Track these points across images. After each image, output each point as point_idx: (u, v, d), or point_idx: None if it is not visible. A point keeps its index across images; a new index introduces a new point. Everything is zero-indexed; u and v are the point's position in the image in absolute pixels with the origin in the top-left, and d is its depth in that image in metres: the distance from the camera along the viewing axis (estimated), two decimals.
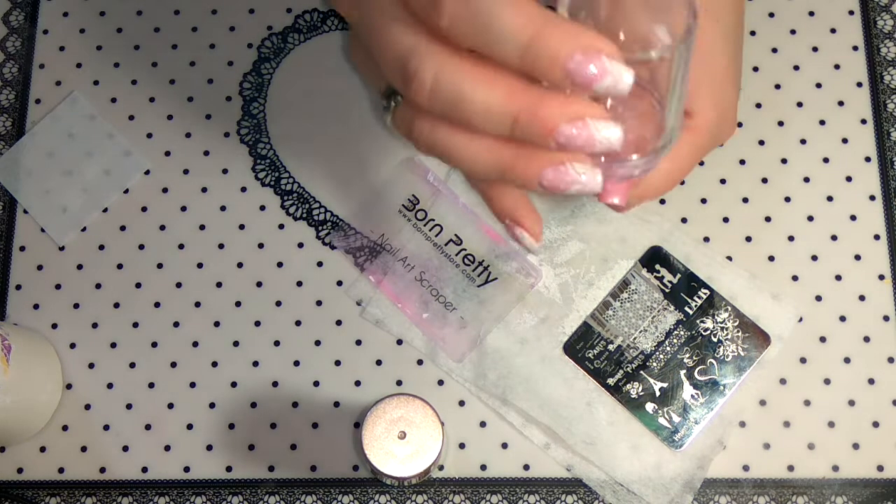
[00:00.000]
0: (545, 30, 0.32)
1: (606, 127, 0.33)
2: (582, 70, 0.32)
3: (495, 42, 0.33)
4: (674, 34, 0.36)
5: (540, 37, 0.32)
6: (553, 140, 0.33)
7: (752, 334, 0.50)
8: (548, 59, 0.32)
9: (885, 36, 0.55)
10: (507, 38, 0.32)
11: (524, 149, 0.36)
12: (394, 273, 0.52)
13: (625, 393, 0.50)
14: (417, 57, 0.34)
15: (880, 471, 0.49)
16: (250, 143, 0.55)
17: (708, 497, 0.49)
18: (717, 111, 0.43)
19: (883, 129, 0.54)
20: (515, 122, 0.34)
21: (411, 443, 0.45)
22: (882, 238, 0.52)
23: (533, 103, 0.33)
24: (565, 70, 0.32)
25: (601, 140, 0.33)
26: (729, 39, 0.44)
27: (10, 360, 0.47)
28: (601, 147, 0.33)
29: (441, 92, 0.34)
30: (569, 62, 0.32)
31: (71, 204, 0.54)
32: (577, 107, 0.33)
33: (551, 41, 0.32)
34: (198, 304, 0.53)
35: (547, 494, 0.50)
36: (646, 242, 0.52)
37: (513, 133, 0.34)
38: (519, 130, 0.34)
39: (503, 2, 0.32)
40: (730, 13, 0.44)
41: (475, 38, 0.33)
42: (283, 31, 0.56)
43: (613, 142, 0.33)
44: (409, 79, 0.35)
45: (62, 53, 0.57)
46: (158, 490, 0.50)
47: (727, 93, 0.44)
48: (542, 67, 0.32)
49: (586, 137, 0.33)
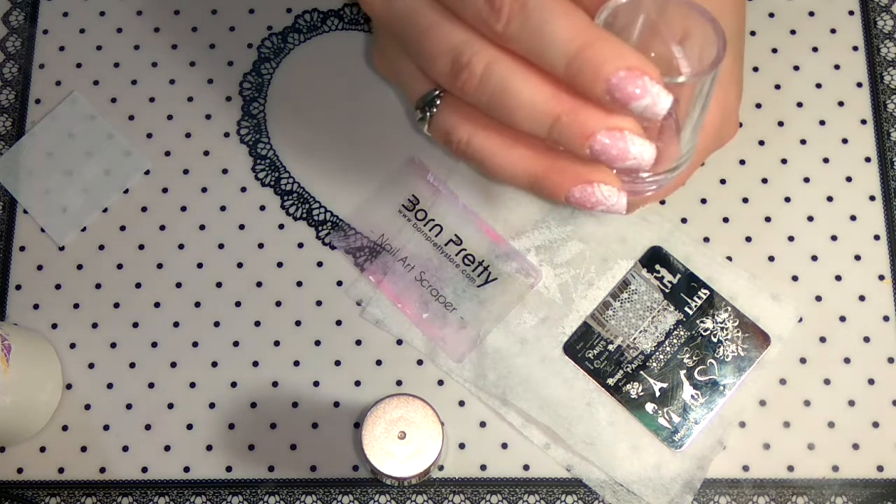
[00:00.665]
0: (595, 43, 0.33)
1: (642, 144, 0.34)
2: (624, 86, 0.33)
3: (546, 49, 0.34)
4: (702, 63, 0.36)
5: (588, 49, 0.33)
6: (588, 146, 0.34)
7: (752, 334, 0.50)
8: (593, 71, 0.33)
9: (885, 36, 0.55)
10: (558, 47, 0.33)
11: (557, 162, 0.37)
12: (394, 273, 0.52)
13: (625, 393, 0.50)
14: (471, 49, 0.35)
15: (880, 471, 0.49)
16: (250, 143, 0.55)
17: (708, 497, 0.49)
18: (720, 112, 0.43)
19: (883, 129, 0.54)
20: (556, 121, 0.35)
21: (411, 443, 0.45)
22: (882, 238, 0.52)
23: (576, 107, 0.34)
24: (608, 84, 0.33)
25: (634, 155, 0.34)
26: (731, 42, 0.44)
27: (10, 360, 0.47)
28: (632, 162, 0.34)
29: (490, 84, 0.35)
30: (613, 77, 0.33)
31: (71, 204, 0.54)
32: (617, 119, 0.34)
33: (598, 55, 0.33)
34: (198, 304, 0.53)
35: (547, 494, 0.50)
36: (646, 242, 0.52)
37: (550, 134, 0.35)
38: (557, 132, 0.35)
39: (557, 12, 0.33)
40: (731, 14, 0.44)
41: (527, 44, 0.34)
42: (283, 31, 0.56)
43: (646, 159, 0.34)
44: (461, 68, 0.36)
45: (62, 53, 0.57)
46: (158, 490, 0.50)
47: (730, 94, 0.44)
48: (587, 79, 0.33)
49: (621, 149, 0.34)
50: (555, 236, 0.52)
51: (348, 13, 0.57)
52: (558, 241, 0.52)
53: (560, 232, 0.52)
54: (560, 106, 0.35)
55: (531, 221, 0.52)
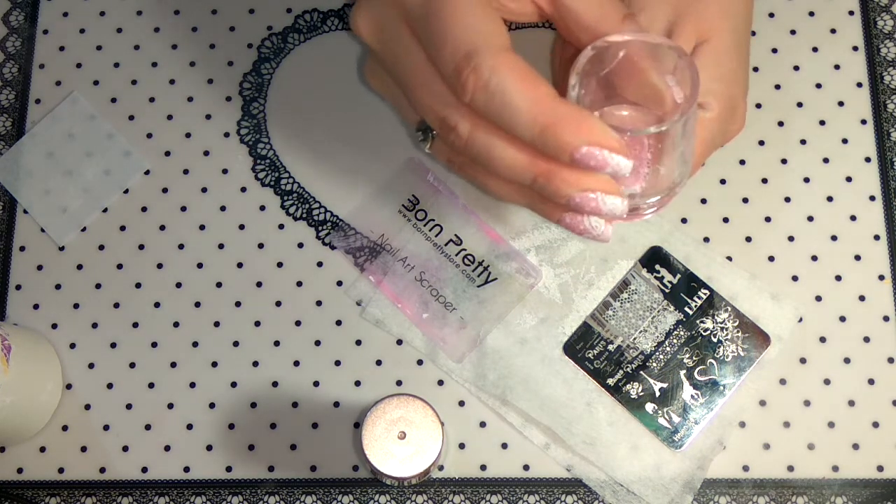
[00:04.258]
0: (556, 122, 0.36)
1: (613, 201, 0.38)
2: (587, 161, 0.36)
3: (512, 125, 0.37)
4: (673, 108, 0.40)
5: (551, 128, 0.36)
6: (566, 202, 0.38)
7: (752, 334, 0.50)
8: (557, 147, 0.37)
9: (885, 36, 0.55)
10: (522, 125, 0.37)
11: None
12: (394, 273, 0.52)
13: (625, 393, 0.50)
14: (455, 114, 0.39)
15: (880, 471, 0.49)
16: (250, 143, 0.55)
17: (708, 497, 0.49)
18: (726, 106, 0.44)
19: (883, 129, 0.53)
20: (535, 180, 0.38)
21: (411, 443, 0.45)
22: (882, 238, 0.52)
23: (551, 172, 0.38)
24: (572, 157, 0.36)
25: (606, 212, 0.38)
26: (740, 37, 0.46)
27: (10, 360, 0.47)
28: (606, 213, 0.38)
29: (474, 146, 0.39)
30: (576, 153, 0.36)
31: (71, 204, 0.54)
32: (588, 181, 0.38)
33: (560, 134, 0.36)
34: (198, 305, 0.53)
35: (547, 494, 0.50)
36: (646, 242, 0.52)
37: (533, 187, 0.39)
38: (539, 187, 0.39)
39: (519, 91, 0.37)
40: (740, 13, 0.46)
41: (494, 118, 0.37)
42: (283, 31, 0.56)
43: (617, 212, 0.38)
44: (448, 130, 0.40)
45: (62, 53, 0.57)
46: (158, 490, 0.50)
47: (735, 89, 0.45)
48: (552, 152, 0.37)
49: (594, 207, 0.38)
50: (555, 236, 0.52)
51: (348, 13, 0.57)
52: (558, 241, 0.52)
53: (560, 232, 0.52)
54: (537, 168, 0.38)
55: (531, 221, 0.52)
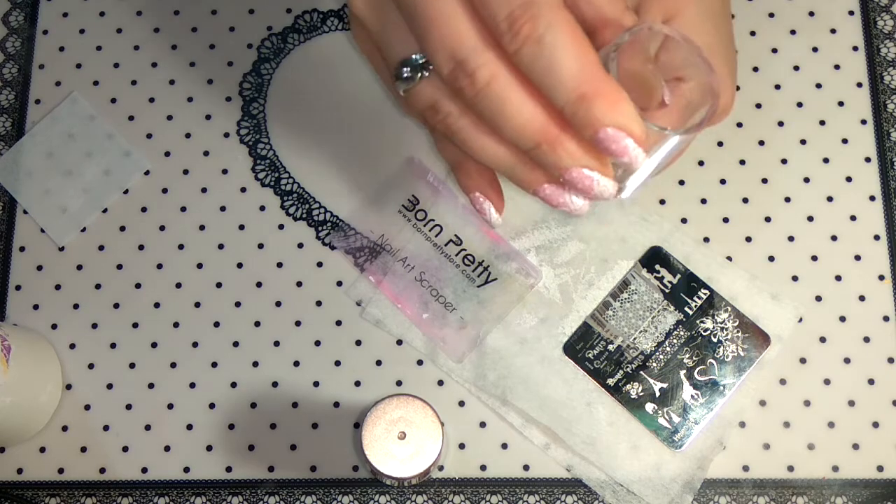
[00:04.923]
0: (595, 96, 0.35)
1: (606, 183, 0.38)
2: (608, 143, 0.36)
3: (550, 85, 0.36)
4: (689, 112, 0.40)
5: (588, 98, 0.35)
6: (560, 175, 0.38)
7: (752, 334, 0.50)
8: (586, 119, 0.36)
9: (885, 36, 0.55)
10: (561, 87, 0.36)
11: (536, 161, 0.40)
12: (394, 273, 0.52)
13: (625, 393, 0.50)
14: (479, 58, 0.37)
15: (880, 471, 0.49)
16: (250, 143, 0.55)
17: (708, 497, 0.49)
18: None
19: (883, 129, 0.53)
20: (538, 146, 0.37)
21: (411, 443, 0.45)
22: (882, 238, 0.52)
23: (558, 140, 0.37)
24: (595, 134, 0.36)
25: (597, 192, 0.38)
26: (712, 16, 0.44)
27: (10, 361, 0.47)
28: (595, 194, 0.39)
29: (488, 96, 0.37)
30: (601, 132, 0.36)
31: (71, 204, 0.54)
32: (588, 159, 0.37)
33: (595, 106, 0.35)
34: (198, 305, 0.53)
35: (547, 495, 0.49)
36: (646, 243, 0.52)
37: (529, 154, 0.38)
38: (536, 155, 0.38)
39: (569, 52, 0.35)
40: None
41: (534, 73, 0.36)
42: (282, 32, 0.56)
43: (605, 195, 0.38)
44: (465, 73, 0.37)
45: (62, 53, 0.57)
46: (158, 490, 0.50)
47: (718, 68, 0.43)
48: (579, 122, 0.36)
49: (586, 185, 0.38)
50: (555, 236, 0.52)
51: (348, 13, 0.57)
52: (558, 242, 0.52)
53: (560, 232, 0.52)
54: (544, 136, 0.37)
55: (531, 221, 0.52)
